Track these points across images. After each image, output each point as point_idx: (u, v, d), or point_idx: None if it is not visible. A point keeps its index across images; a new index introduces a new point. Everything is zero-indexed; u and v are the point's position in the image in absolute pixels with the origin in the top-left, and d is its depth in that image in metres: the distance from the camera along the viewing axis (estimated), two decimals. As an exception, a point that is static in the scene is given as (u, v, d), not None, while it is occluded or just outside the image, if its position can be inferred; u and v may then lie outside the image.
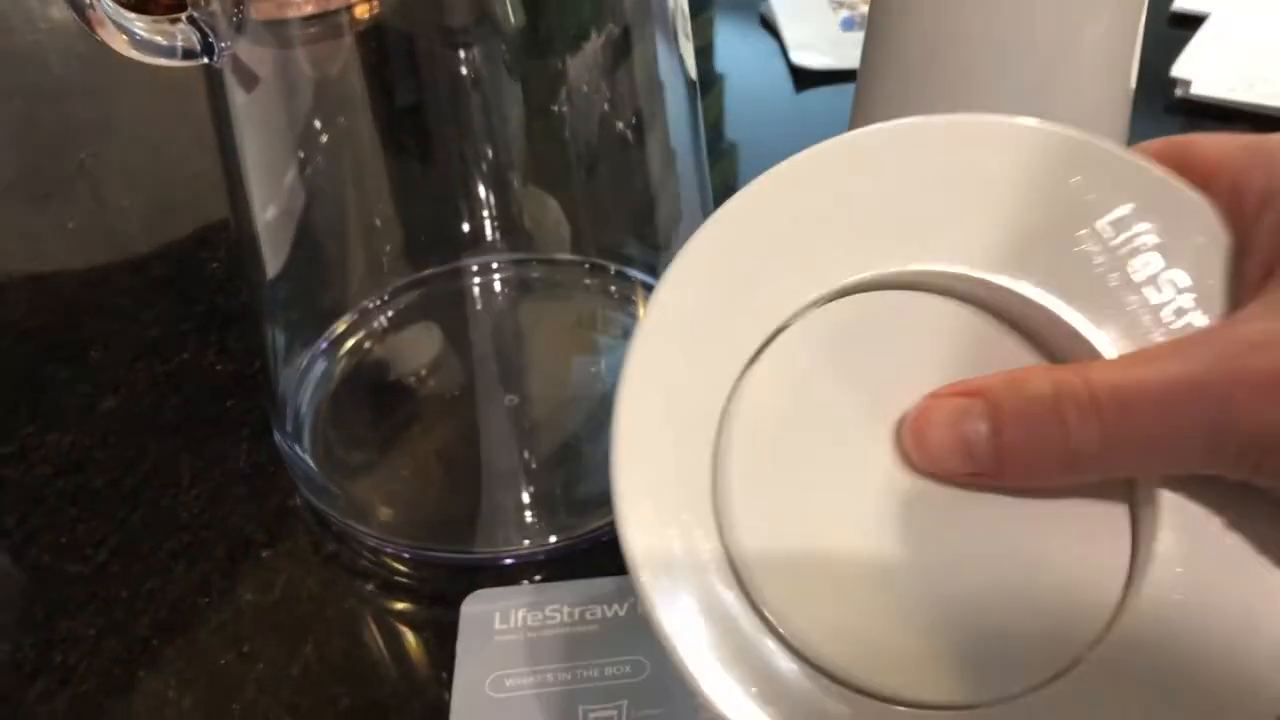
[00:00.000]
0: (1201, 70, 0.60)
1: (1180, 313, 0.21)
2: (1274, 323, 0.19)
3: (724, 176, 0.58)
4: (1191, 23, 0.65)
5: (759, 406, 0.22)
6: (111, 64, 0.70)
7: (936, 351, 0.23)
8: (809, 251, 0.23)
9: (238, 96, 0.35)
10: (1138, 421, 0.19)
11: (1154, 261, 0.22)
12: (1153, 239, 0.22)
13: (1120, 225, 0.22)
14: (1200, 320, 0.21)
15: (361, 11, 0.42)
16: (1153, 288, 0.22)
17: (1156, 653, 0.21)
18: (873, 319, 0.23)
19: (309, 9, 0.40)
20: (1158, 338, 0.22)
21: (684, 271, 0.23)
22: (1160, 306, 0.21)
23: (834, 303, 0.23)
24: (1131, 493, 0.22)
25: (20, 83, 0.71)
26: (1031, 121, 0.23)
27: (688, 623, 0.21)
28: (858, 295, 0.23)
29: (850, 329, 0.23)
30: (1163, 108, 0.60)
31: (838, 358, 0.23)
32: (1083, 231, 0.22)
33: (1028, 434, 0.20)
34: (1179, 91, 0.59)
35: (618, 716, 0.33)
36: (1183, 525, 0.21)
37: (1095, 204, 0.22)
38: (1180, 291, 0.21)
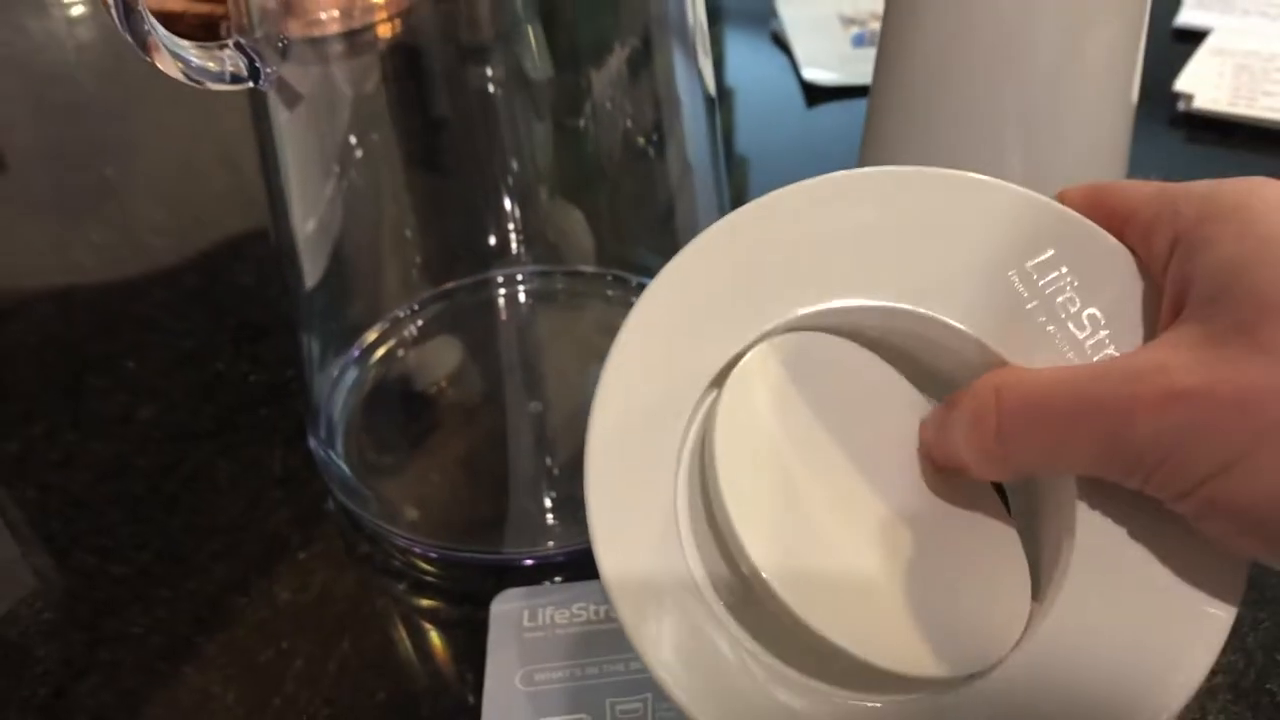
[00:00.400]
0: (1204, 84, 0.61)
1: (1099, 347, 0.24)
2: (1170, 354, 0.21)
3: (736, 190, 0.59)
4: (1194, 38, 0.66)
5: (731, 431, 0.25)
6: (137, 84, 0.72)
7: (878, 384, 0.26)
8: (767, 284, 0.25)
9: (280, 115, 0.36)
10: (1033, 424, 0.22)
11: (1076, 301, 0.24)
12: (1075, 281, 0.24)
13: (1046, 268, 0.24)
14: (1114, 353, 0.24)
15: (385, 30, 0.44)
16: (1075, 324, 0.24)
17: (1059, 662, 0.23)
18: (821, 354, 0.26)
19: (334, 27, 0.41)
20: None
21: (648, 305, 0.25)
22: (1082, 341, 0.24)
23: (786, 335, 0.25)
24: (1057, 518, 0.25)
25: (51, 102, 0.73)
26: (978, 177, 0.25)
27: (668, 644, 0.23)
28: (804, 333, 0.26)
29: (801, 362, 0.25)
30: (1166, 121, 0.61)
31: (789, 388, 0.25)
32: (1013, 273, 0.24)
33: (954, 426, 0.24)
34: (1182, 105, 0.61)
35: (643, 708, 0.35)
36: (1093, 554, 0.24)
37: (1026, 249, 0.24)
38: (1099, 328, 0.24)
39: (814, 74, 0.66)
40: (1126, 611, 0.23)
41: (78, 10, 0.82)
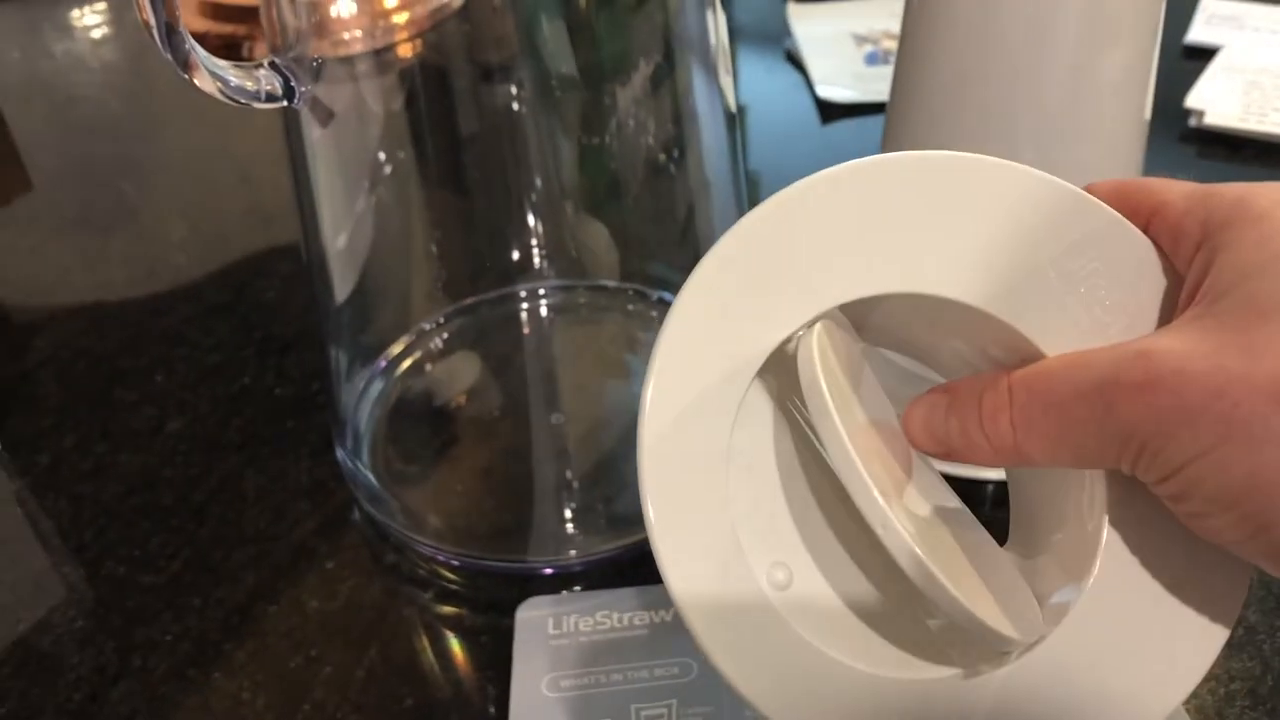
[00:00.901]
0: (1214, 101, 0.62)
1: (1122, 334, 0.24)
2: (1157, 342, 0.22)
3: (751, 206, 0.60)
4: (1205, 55, 0.67)
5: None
6: (160, 104, 0.73)
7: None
8: (800, 278, 0.25)
9: (313, 132, 0.37)
10: (1039, 414, 0.23)
11: (1102, 289, 0.25)
12: (1100, 269, 0.25)
13: (1076, 255, 0.25)
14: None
15: (406, 50, 0.45)
16: (1100, 310, 0.25)
17: (1070, 658, 0.24)
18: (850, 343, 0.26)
19: (358, 47, 0.42)
20: None
21: (689, 299, 0.25)
22: (1105, 327, 0.25)
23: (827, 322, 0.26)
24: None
25: (77, 122, 0.74)
26: (1007, 163, 0.25)
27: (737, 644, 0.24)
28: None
29: (844, 346, 0.26)
30: (1178, 137, 0.62)
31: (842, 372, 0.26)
32: (1044, 260, 0.25)
33: (961, 417, 0.24)
34: (1193, 121, 0.62)
35: (667, 714, 0.35)
36: (1117, 560, 0.24)
37: (1057, 236, 0.25)
38: (1121, 315, 0.25)
39: (828, 91, 0.67)
40: (1137, 616, 0.24)
41: (101, 33, 0.84)
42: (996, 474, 0.40)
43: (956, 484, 0.27)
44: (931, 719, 0.24)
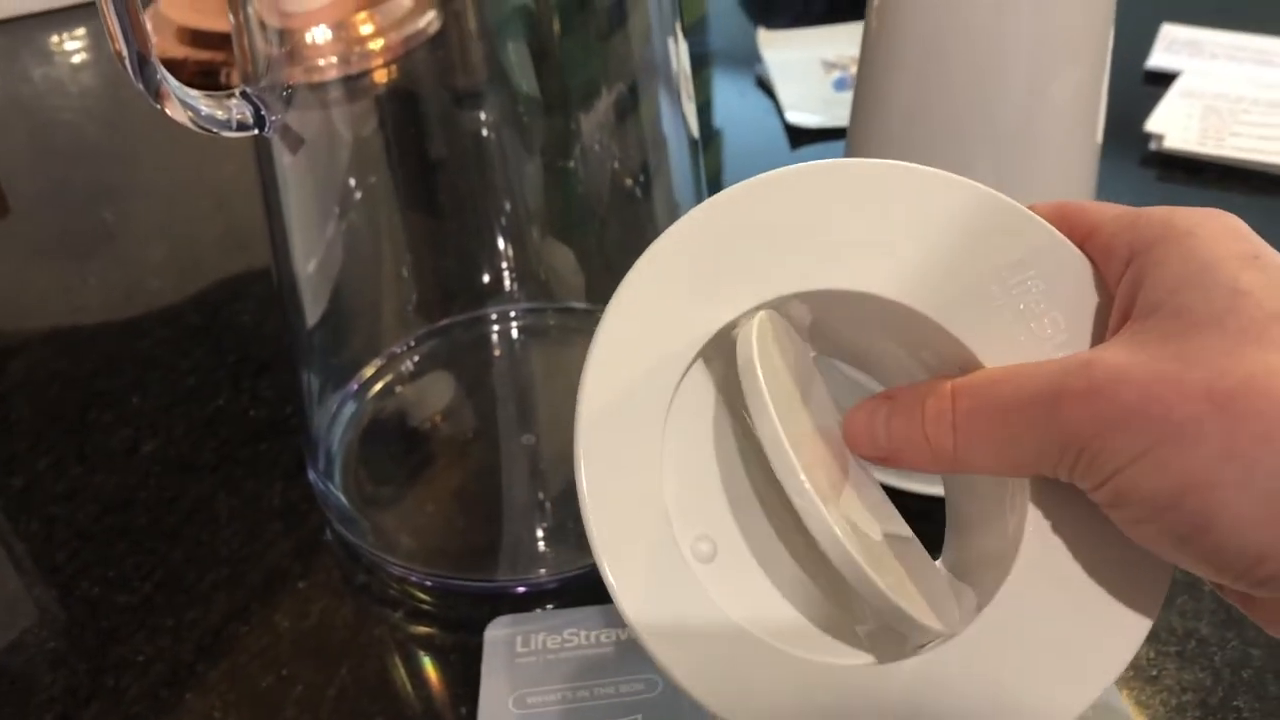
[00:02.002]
0: (1174, 125, 0.63)
1: (1058, 348, 0.25)
2: (1099, 354, 0.23)
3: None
4: (1164, 80, 0.68)
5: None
6: (138, 130, 0.74)
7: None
8: (748, 266, 0.26)
9: (283, 159, 0.38)
10: (983, 421, 0.24)
11: (1042, 304, 0.26)
12: (1041, 285, 0.26)
13: (1015, 271, 0.26)
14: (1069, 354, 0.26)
15: (381, 76, 0.46)
16: (1039, 324, 0.26)
17: (993, 647, 0.25)
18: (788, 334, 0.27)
19: (333, 73, 0.43)
20: None
21: (631, 287, 0.26)
22: (1043, 341, 0.25)
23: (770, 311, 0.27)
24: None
25: (55, 147, 0.74)
26: (957, 177, 0.26)
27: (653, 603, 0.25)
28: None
29: (783, 336, 0.27)
30: (1138, 160, 0.63)
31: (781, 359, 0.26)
32: (988, 272, 0.26)
33: (904, 422, 0.25)
34: (1153, 145, 0.63)
35: (633, 729, 0.36)
36: (1038, 554, 0.25)
37: (1001, 252, 0.26)
38: (1060, 331, 0.26)
39: (797, 117, 0.68)
40: (1055, 612, 0.25)
41: (80, 58, 0.84)
42: (936, 488, 0.41)
43: (895, 497, 0.28)
44: (850, 705, 0.25)
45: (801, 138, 0.68)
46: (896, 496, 0.28)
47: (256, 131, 0.35)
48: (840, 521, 0.24)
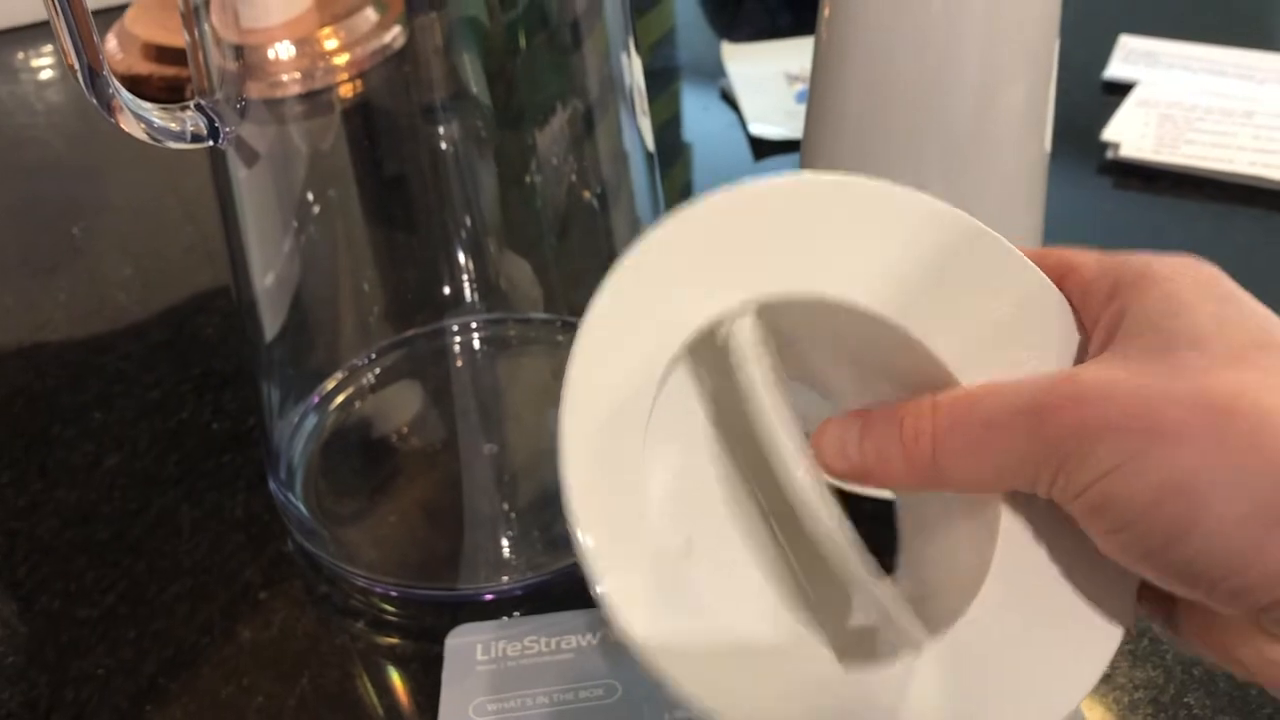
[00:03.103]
0: (1130, 133, 0.64)
1: (1031, 374, 0.26)
2: (1092, 368, 0.24)
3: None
4: (1121, 90, 0.69)
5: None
6: (104, 145, 0.74)
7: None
8: (720, 274, 0.27)
9: (239, 172, 0.38)
10: (963, 434, 0.24)
11: (1019, 334, 0.26)
12: (1020, 316, 0.26)
13: (997, 300, 0.27)
14: None
15: (346, 90, 0.46)
16: (1016, 352, 0.26)
17: (964, 663, 0.25)
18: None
19: (296, 89, 0.43)
20: None
21: (607, 298, 0.26)
22: (1018, 366, 0.26)
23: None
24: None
25: (21, 163, 0.74)
26: (948, 207, 0.27)
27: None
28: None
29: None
30: (1096, 169, 0.64)
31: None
32: (969, 299, 0.27)
33: (880, 437, 0.25)
34: (1110, 154, 0.64)
35: (592, 734, 0.36)
36: (1009, 570, 0.26)
37: (983, 282, 0.27)
38: (1034, 361, 0.26)
39: (760, 129, 0.69)
40: (1030, 625, 0.25)
41: (46, 76, 0.84)
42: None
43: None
44: (823, 709, 0.25)
45: (765, 149, 0.68)
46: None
47: (210, 143, 0.35)
48: (836, 516, 0.24)
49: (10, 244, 0.66)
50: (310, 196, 0.43)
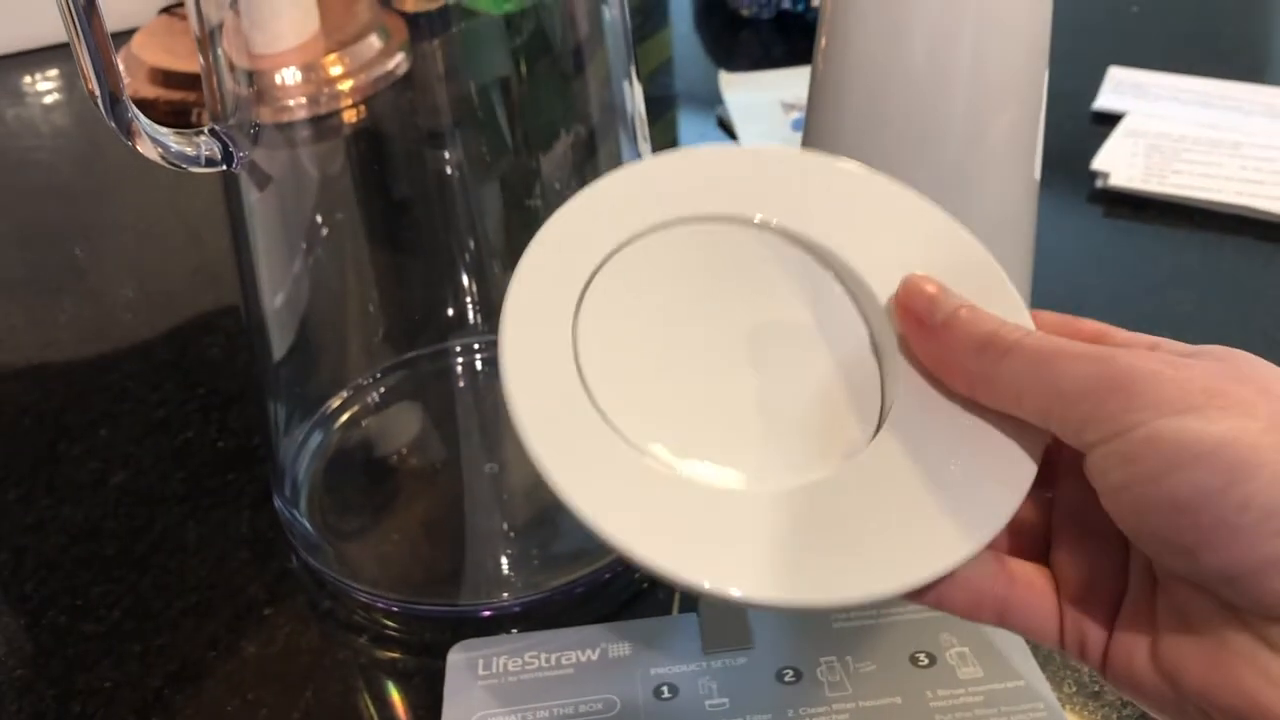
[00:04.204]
0: (1119, 163, 0.65)
1: None
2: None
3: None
4: (1110, 120, 0.71)
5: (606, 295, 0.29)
6: (109, 168, 0.75)
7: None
8: (660, 196, 0.30)
9: (251, 195, 0.39)
10: (1046, 352, 0.26)
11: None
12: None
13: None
14: None
15: (351, 116, 0.47)
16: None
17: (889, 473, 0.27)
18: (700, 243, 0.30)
19: (303, 113, 0.44)
20: None
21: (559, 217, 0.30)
22: None
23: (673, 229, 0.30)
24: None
25: (27, 184, 0.75)
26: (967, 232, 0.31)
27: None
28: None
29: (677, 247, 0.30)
30: (1086, 197, 0.65)
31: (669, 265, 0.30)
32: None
33: (971, 319, 0.27)
34: (1099, 183, 0.65)
35: (591, 748, 0.37)
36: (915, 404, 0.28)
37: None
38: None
39: (757, 155, 0.70)
40: (945, 451, 0.27)
41: (52, 99, 0.86)
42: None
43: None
44: (739, 524, 0.26)
45: (761, 176, 0.69)
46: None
47: (224, 167, 0.36)
48: None
49: (16, 264, 0.67)
50: (319, 219, 0.44)
